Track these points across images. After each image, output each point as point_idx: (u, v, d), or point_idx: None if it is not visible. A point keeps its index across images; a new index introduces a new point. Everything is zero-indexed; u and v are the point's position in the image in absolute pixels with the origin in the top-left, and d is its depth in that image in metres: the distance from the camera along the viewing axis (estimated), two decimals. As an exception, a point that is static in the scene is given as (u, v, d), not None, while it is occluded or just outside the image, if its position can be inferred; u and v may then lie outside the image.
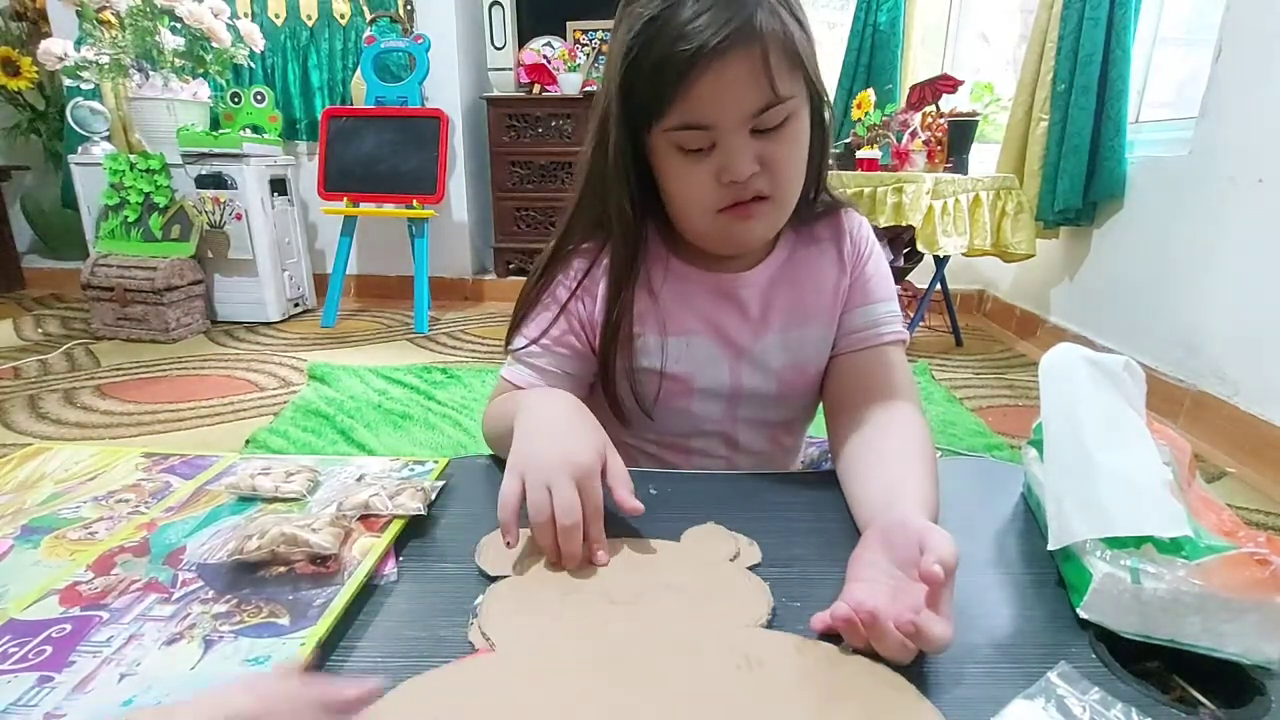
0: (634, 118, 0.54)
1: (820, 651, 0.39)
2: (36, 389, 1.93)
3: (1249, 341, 1.58)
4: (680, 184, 0.55)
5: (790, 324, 0.64)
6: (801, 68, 0.52)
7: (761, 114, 0.51)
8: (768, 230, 0.59)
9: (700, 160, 0.53)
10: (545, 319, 0.63)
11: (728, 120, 0.51)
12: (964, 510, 0.58)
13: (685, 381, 0.63)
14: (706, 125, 0.51)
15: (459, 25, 2.96)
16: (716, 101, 0.50)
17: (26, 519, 0.52)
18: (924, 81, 2.39)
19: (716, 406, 0.65)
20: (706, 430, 0.67)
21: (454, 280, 3.20)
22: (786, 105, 0.51)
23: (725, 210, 0.55)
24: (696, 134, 0.52)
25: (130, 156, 2.47)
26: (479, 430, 1.74)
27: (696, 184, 0.54)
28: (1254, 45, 1.65)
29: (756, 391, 0.65)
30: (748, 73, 0.49)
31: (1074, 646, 0.40)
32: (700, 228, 0.58)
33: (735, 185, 0.53)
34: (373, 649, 0.40)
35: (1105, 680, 0.37)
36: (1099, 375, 0.48)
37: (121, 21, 2.39)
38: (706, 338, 0.63)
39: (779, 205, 0.56)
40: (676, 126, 0.52)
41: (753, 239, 0.59)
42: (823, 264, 0.64)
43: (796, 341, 0.64)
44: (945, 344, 2.60)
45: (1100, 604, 0.39)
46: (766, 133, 0.52)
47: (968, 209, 2.25)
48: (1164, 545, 0.38)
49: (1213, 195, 1.76)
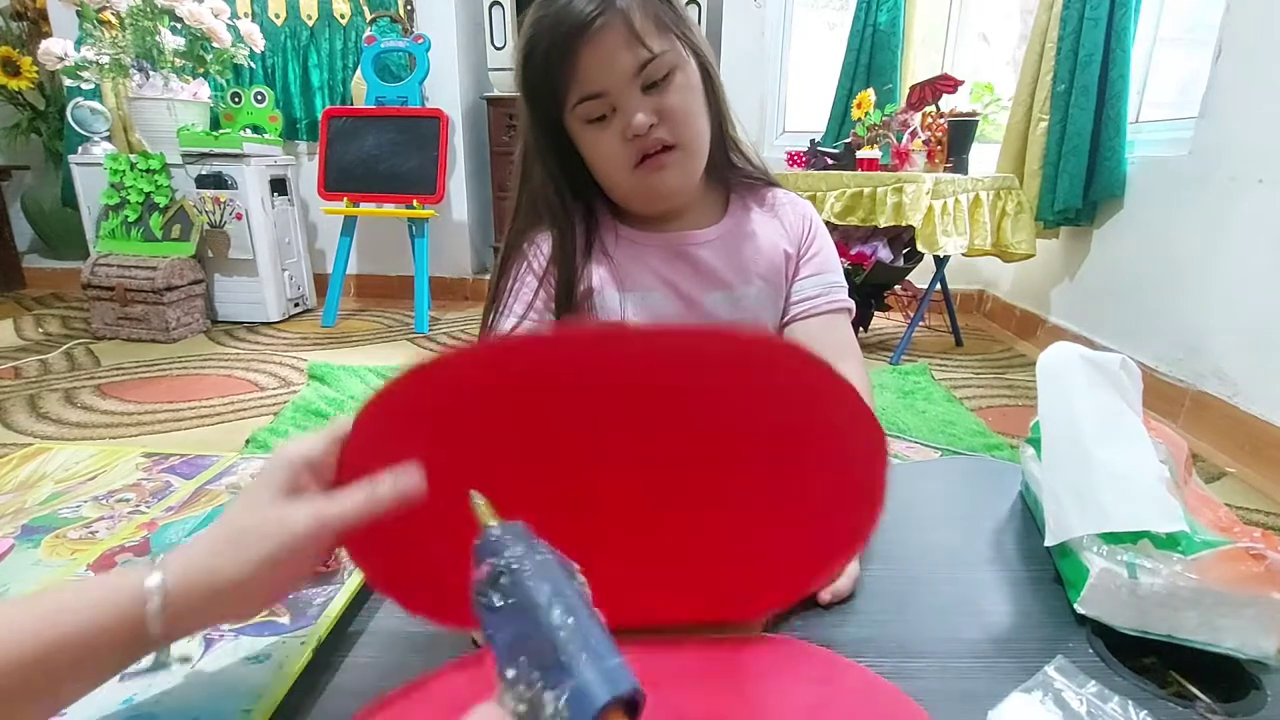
0: (546, 111, 0.62)
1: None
2: (37, 389, 1.93)
3: (1249, 342, 1.58)
4: (595, 152, 0.62)
5: (737, 282, 0.69)
6: (670, 30, 0.60)
7: (642, 70, 0.58)
8: (682, 177, 0.64)
9: (606, 126, 0.60)
10: (513, 306, 0.68)
11: (616, 82, 0.58)
12: (962, 508, 0.59)
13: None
14: (600, 92, 0.59)
15: (459, 25, 2.97)
16: (601, 69, 0.58)
17: (27, 519, 0.52)
18: (924, 81, 2.39)
19: None
20: None
21: (454, 280, 3.20)
22: (663, 59, 0.59)
23: (639, 166, 0.61)
24: (595, 103, 0.59)
25: (130, 156, 2.47)
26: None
27: (607, 147, 0.61)
28: (1254, 45, 1.65)
29: None
30: (621, 38, 0.57)
31: (1071, 641, 0.40)
32: (624, 188, 0.64)
33: (639, 139, 0.60)
34: (372, 647, 0.40)
35: (1102, 674, 0.37)
36: (1096, 374, 0.48)
37: (122, 21, 2.39)
38: (661, 293, 0.68)
39: (687, 151, 0.62)
40: (577, 101, 0.60)
41: (670, 187, 0.64)
42: (765, 230, 0.71)
43: (743, 298, 0.69)
44: (945, 344, 2.60)
45: (1097, 599, 0.40)
46: (655, 87, 0.59)
47: (968, 209, 2.25)
48: (1160, 541, 0.38)
49: (1213, 195, 1.76)
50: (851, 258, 2.36)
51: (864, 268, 2.34)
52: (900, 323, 2.85)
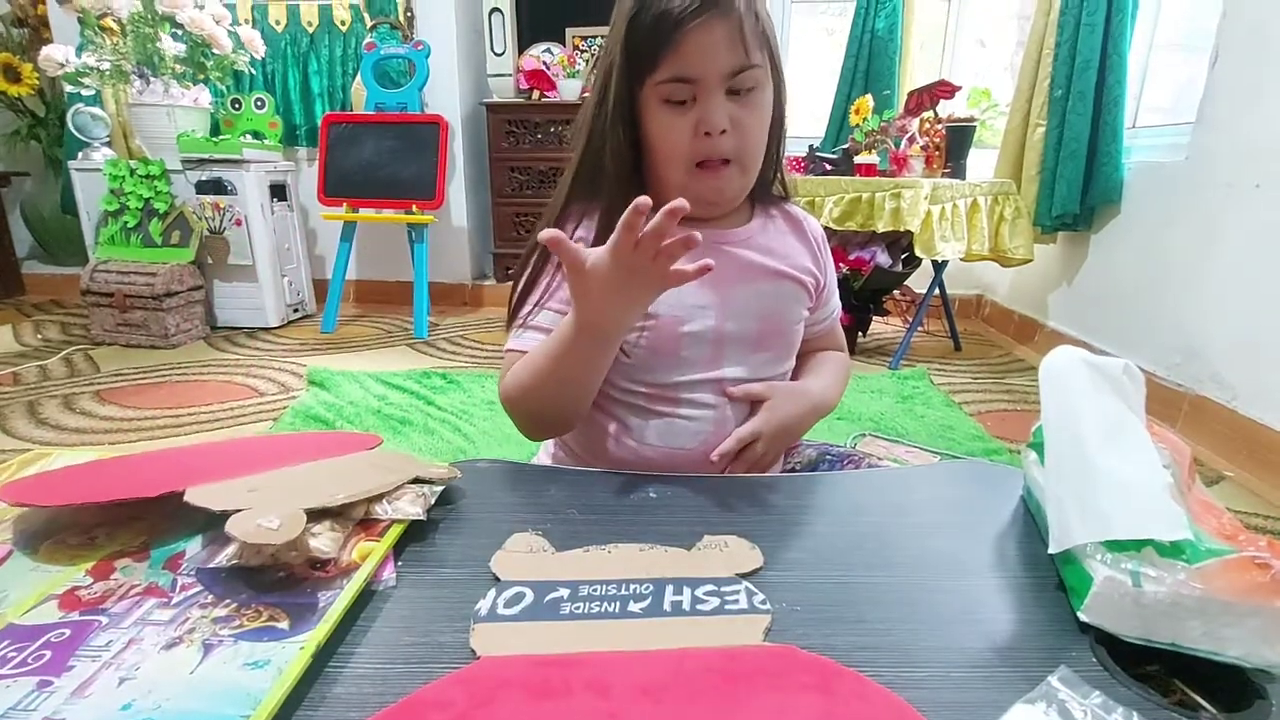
0: (631, 72, 0.62)
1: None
2: (36, 395, 1.93)
3: (1247, 346, 1.58)
4: (664, 133, 0.63)
5: (765, 280, 0.72)
6: (767, 48, 0.62)
7: (736, 75, 0.61)
8: (733, 190, 0.67)
9: (683, 113, 0.62)
10: (546, 285, 0.69)
11: (709, 75, 0.60)
12: (964, 514, 0.59)
13: (674, 324, 0.68)
14: (691, 78, 0.60)
15: (459, 31, 2.98)
16: (700, 57, 0.59)
17: (25, 524, 0.52)
18: (922, 87, 2.40)
19: (704, 350, 0.69)
20: (695, 379, 0.70)
21: (453, 285, 3.21)
22: (755, 73, 0.61)
23: (699, 166, 0.64)
24: (682, 86, 0.61)
25: (130, 162, 2.48)
26: (478, 435, 1.74)
27: (678, 133, 0.62)
28: (1251, 51, 1.66)
29: (738, 336, 0.70)
30: (726, 37, 0.59)
31: (1074, 650, 0.40)
32: (677, 179, 0.65)
33: (709, 139, 0.62)
34: (372, 654, 0.40)
35: (1106, 684, 0.37)
36: (1099, 378, 0.48)
37: (122, 28, 2.40)
38: (694, 284, 0.67)
39: (743, 169, 0.65)
40: (666, 79, 0.61)
41: (720, 196, 0.67)
42: (791, 240, 0.75)
43: (772, 294, 0.72)
44: (944, 349, 2.60)
45: (1101, 607, 0.39)
46: (738, 95, 0.62)
47: (965, 214, 2.25)
48: (1164, 549, 0.38)
49: (1210, 201, 1.76)
50: (850, 263, 2.36)
51: (862, 273, 2.35)
52: (899, 328, 2.85)
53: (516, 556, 0.49)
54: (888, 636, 0.42)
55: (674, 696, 0.36)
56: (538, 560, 0.48)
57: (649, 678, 0.37)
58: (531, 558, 0.49)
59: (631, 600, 0.44)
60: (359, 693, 0.37)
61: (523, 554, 0.49)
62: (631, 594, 0.45)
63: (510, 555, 0.49)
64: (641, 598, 0.44)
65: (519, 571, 0.47)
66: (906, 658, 0.40)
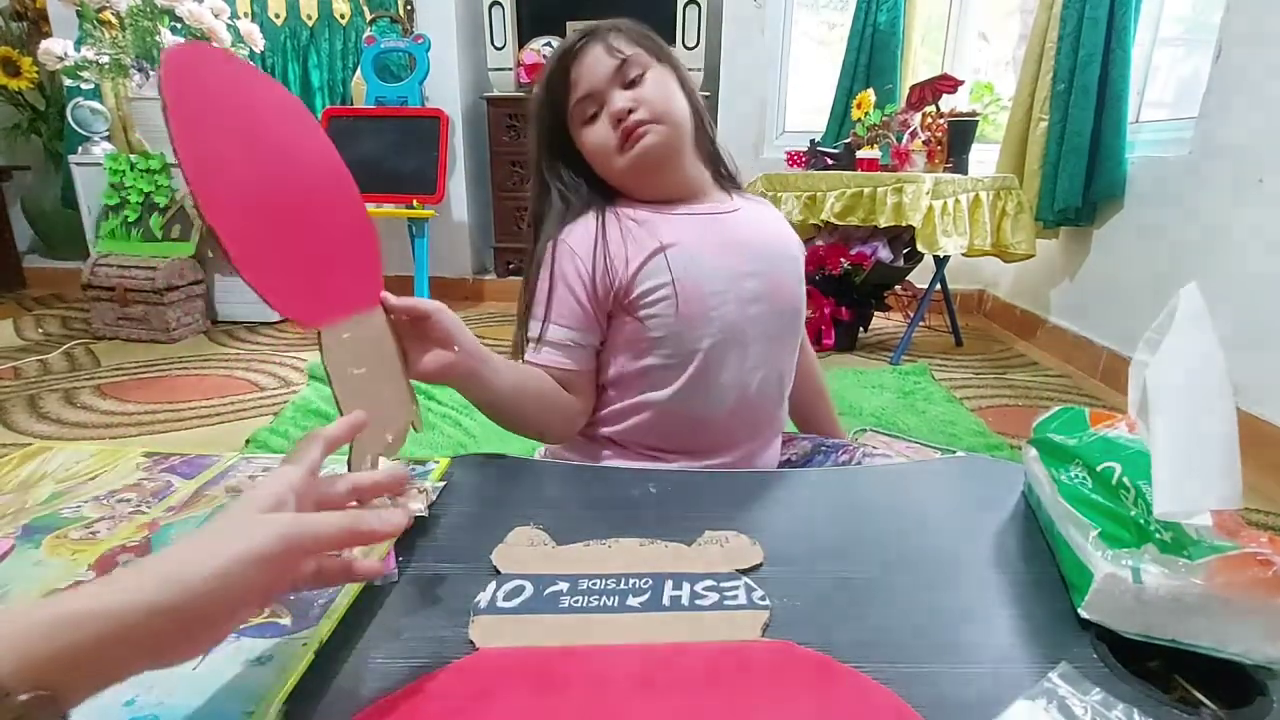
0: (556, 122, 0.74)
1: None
2: (37, 389, 1.93)
3: (1249, 341, 1.58)
4: (591, 144, 0.72)
5: (763, 251, 0.76)
6: (640, 44, 0.72)
7: (619, 70, 0.71)
8: (664, 145, 0.72)
9: (597, 122, 0.72)
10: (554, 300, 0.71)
11: (599, 82, 0.71)
12: (965, 509, 0.59)
13: (696, 287, 0.70)
14: (588, 92, 0.71)
15: (459, 25, 2.96)
16: (587, 74, 0.71)
17: (28, 519, 0.52)
18: (924, 81, 2.39)
19: (729, 309, 0.72)
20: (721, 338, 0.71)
21: (454, 280, 3.20)
22: (635, 60, 0.71)
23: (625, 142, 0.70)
24: (586, 102, 0.72)
25: (131, 156, 2.47)
26: (479, 430, 1.73)
27: (599, 136, 0.72)
28: (1254, 45, 1.65)
29: (755, 295, 0.73)
30: (600, 50, 0.71)
31: (1075, 647, 0.40)
32: (618, 167, 0.72)
33: (621, 123, 0.70)
34: (373, 647, 0.40)
35: (1107, 680, 0.37)
36: None
37: (121, 21, 2.39)
38: (699, 244, 0.72)
39: (667, 124, 0.71)
40: (576, 101, 0.72)
41: (657, 155, 0.72)
42: (773, 218, 0.82)
43: (772, 263, 0.76)
44: (945, 344, 2.60)
45: (1101, 604, 0.39)
46: (632, 84, 0.71)
47: (967, 209, 2.25)
48: (1165, 545, 0.38)
49: (1213, 195, 1.76)
50: (851, 258, 2.36)
51: (864, 268, 2.34)
52: (900, 323, 2.85)
53: (517, 550, 0.49)
54: (887, 633, 0.42)
55: (672, 690, 0.36)
56: (538, 554, 0.48)
57: (647, 671, 0.38)
58: (532, 551, 0.49)
59: (630, 595, 0.44)
60: (360, 686, 0.37)
61: (523, 548, 0.49)
62: (630, 588, 0.45)
63: (511, 549, 0.49)
64: (640, 592, 0.44)
65: (519, 565, 0.47)
66: (906, 654, 0.40)
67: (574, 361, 0.70)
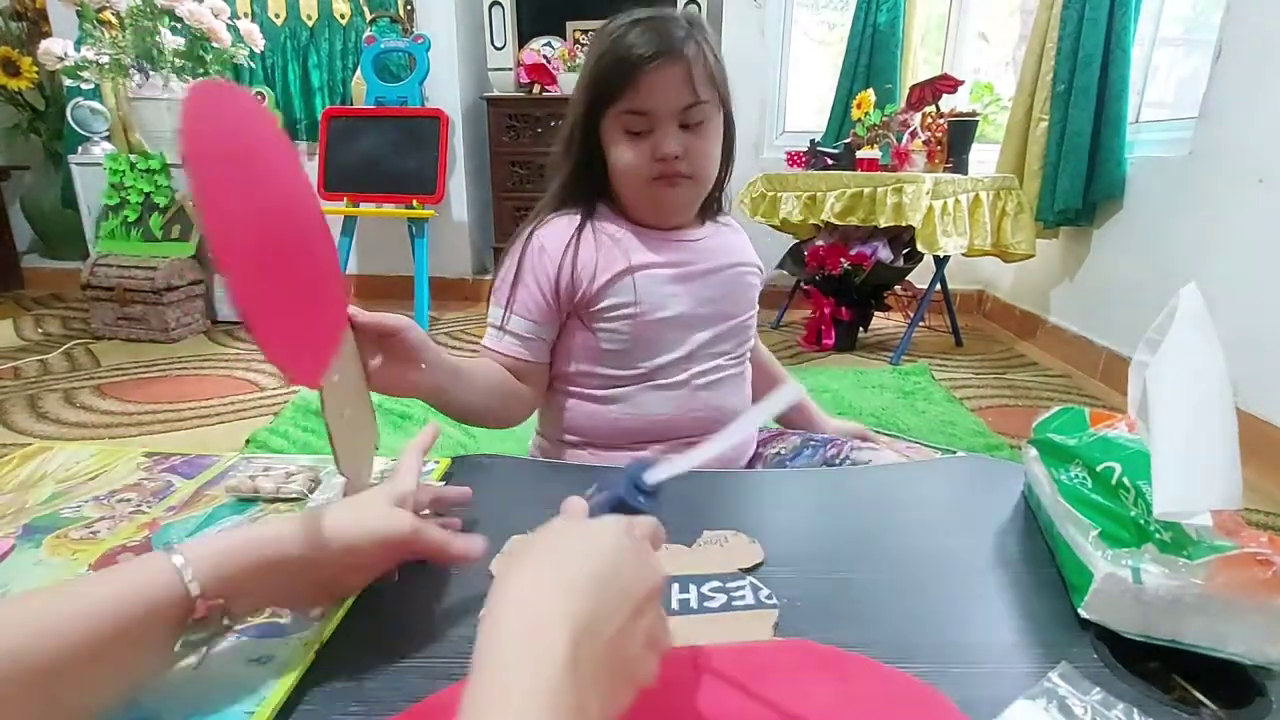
0: (596, 103, 0.71)
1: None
2: (36, 389, 1.93)
3: (1249, 342, 1.58)
4: (624, 157, 0.72)
5: (726, 269, 0.79)
6: (716, 87, 0.71)
7: (686, 110, 0.69)
8: (687, 199, 0.75)
9: (640, 141, 0.71)
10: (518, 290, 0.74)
11: (662, 111, 0.69)
12: (963, 509, 0.59)
13: (653, 311, 0.74)
14: (648, 112, 0.69)
15: (459, 25, 2.96)
16: (654, 95, 0.69)
17: (28, 518, 0.52)
18: (924, 82, 2.39)
19: (680, 334, 0.76)
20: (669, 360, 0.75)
21: (454, 280, 3.20)
22: (704, 108, 0.70)
23: (657, 179, 0.71)
24: (639, 118, 0.70)
25: (130, 156, 2.47)
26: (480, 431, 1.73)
27: (636, 158, 0.71)
28: (1254, 46, 1.65)
29: (707, 319, 0.77)
30: (678, 79, 0.68)
31: (1075, 646, 0.40)
32: (635, 192, 0.74)
33: (663, 162, 0.70)
34: (374, 649, 0.40)
35: (1106, 680, 0.37)
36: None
37: (121, 21, 2.39)
38: (665, 272, 0.75)
39: (697, 182, 0.74)
40: (625, 111, 0.70)
41: (675, 205, 0.75)
42: (739, 241, 0.84)
43: (732, 281, 0.80)
44: (945, 344, 2.60)
45: (1101, 604, 0.39)
46: (689, 128, 0.71)
47: (967, 209, 2.25)
48: (1165, 545, 0.38)
49: (1212, 195, 1.76)
50: (851, 258, 2.36)
51: (864, 268, 2.34)
52: (900, 323, 2.85)
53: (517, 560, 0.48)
54: (887, 632, 0.42)
55: (690, 694, 0.36)
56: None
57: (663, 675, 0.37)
58: None
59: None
60: (361, 687, 0.37)
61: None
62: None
63: (510, 559, 0.48)
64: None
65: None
66: (906, 653, 0.40)
67: (531, 353, 0.74)
